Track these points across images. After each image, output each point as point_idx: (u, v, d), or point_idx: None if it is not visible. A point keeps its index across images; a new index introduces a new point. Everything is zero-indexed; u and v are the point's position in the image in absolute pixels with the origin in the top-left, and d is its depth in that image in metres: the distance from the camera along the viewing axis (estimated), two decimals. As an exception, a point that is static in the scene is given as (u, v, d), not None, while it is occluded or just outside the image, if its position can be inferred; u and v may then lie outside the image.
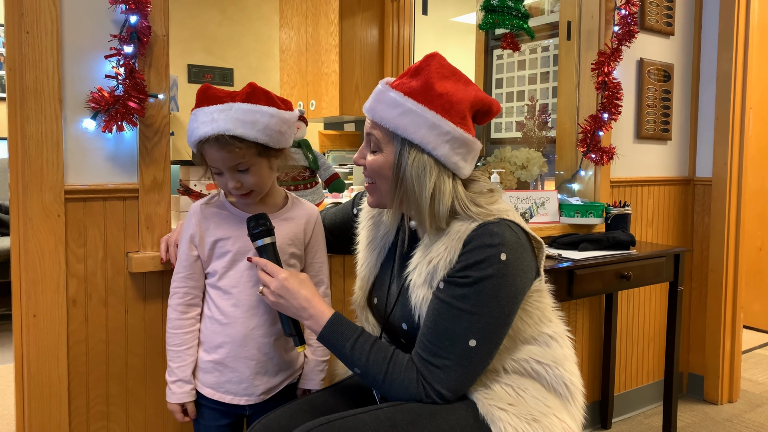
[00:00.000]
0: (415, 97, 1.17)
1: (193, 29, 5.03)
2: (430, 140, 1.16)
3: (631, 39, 2.44)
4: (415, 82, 1.19)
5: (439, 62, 1.20)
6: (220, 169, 1.28)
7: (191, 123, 1.26)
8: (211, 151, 1.25)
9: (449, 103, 1.17)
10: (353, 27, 4.02)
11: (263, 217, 1.29)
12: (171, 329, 1.35)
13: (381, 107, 1.19)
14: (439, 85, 1.18)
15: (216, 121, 1.22)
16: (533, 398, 1.20)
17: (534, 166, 2.53)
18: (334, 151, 4.16)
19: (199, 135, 1.24)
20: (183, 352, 1.35)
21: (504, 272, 1.14)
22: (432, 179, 1.17)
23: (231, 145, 1.23)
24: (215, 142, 1.23)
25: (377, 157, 1.21)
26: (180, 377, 1.34)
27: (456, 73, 1.22)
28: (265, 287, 1.26)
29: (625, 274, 2.11)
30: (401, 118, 1.16)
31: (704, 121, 2.87)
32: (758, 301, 4.10)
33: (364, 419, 1.15)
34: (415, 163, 1.17)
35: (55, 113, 1.41)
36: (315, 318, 1.24)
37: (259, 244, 1.28)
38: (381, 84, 1.22)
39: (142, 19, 1.44)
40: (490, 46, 3.39)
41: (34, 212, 1.40)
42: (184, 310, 1.36)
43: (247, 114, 1.24)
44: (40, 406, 1.43)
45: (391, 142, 1.19)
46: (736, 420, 2.71)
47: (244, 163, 1.26)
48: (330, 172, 1.93)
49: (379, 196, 1.26)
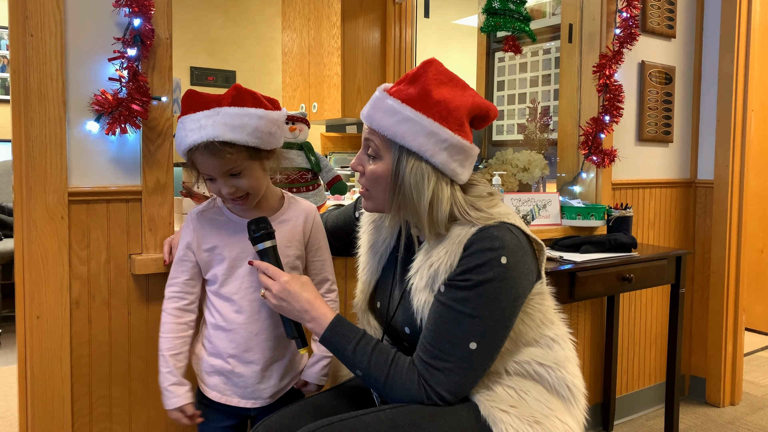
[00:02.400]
0: (412, 104, 1.17)
1: (196, 32, 5.04)
2: (428, 148, 1.16)
3: (632, 42, 2.45)
4: (412, 89, 1.18)
5: (436, 68, 1.20)
6: (212, 175, 1.26)
7: (179, 132, 1.24)
8: (201, 158, 1.23)
9: (447, 110, 1.17)
10: (355, 29, 4.02)
11: (263, 220, 1.28)
12: (163, 333, 1.34)
13: (379, 115, 1.19)
14: (437, 92, 1.18)
15: (204, 128, 1.20)
16: (535, 400, 1.20)
17: (535, 169, 2.54)
18: (336, 153, 4.16)
19: (188, 144, 1.21)
20: (173, 357, 1.33)
21: (505, 275, 1.15)
22: (430, 186, 1.17)
23: (221, 151, 1.20)
24: (205, 150, 1.21)
25: (377, 165, 1.21)
26: (173, 381, 1.32)
27: (453, 78, 1.22)
28: (266, 291, 1.26)
29: (626, 277, 2.11)
30: (399, 125, 1.16)
31: (706, 124, 2.87)
32: (760, 303, 4.09)
33: (365, 421, 1.16)
34: (413, 171, 1.17)
35: (59, 116, 1.42)
36: (317, 320, 1.24)
37: (260, 247, 1.28)
38: (378, 91, 1.22)
39: (146, 22, 1.45)
40: (492, 49, 3.39)
41: (38, 214, 1.41)
42: (178, 314, 1.35)
43: (235, 118, 1.21)
44: (43, 407, 1.44)
45: (389, 150, 1.19)
46: (738, 423, 2.71)
47: (236, 168, 1.24)
48: (332, 175, 1.94)
49: (376, 203, 1.26)
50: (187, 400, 1.32)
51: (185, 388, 1.33)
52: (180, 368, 1.34)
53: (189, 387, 1.35)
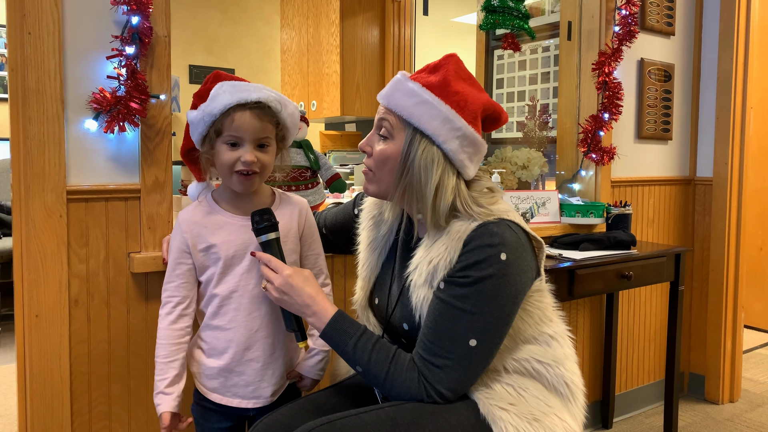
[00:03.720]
0: (432, 90, 1.20)
1: (195, 29, 5.04)
2: (442, 133, 1.18)
3: (631, 39, 2.45)
4: (433, 77, 1.22)
5: (456, 63, 1.25)
6: (242, 139, 1.24)
7: (218, 92, 1.24)
8: (243, 117, 1.23)
9: (464, 101, 1.20)
10: (354, 27, 4.02)
11: (267, 212, 1.27)
12: (160, 339, 1.32)
13: (398, 95, 1.21)
14: (456, 83, 1.21)
15: (255, 91, 1.24)
16: (534, 398, 1.20)
17: (535, 166, 2.54)
18: (335, 151, 4.16)
19: (236, 99, 1.22)
20: (167, 365, 1.30)
21: (504, 272, 1.15)
22: (438, 172, 1.19)
23: (268, 115, 1.25)
24: (255, 107, 1.23)
25: (387, 145, 1.22)
26: (160, 389, 1.29)
27: (471, 77, 1.26)
28: (268, 283, 1.26)
29: (625, 274, 2.11)
30: (417, 107, 1.19)
31: (705, 121, 2.87)
32: (759, 300, 4.10)
33: (365, 419, 1.16)
34: (424, 154, 1.19)
35: (57, 114, 1.41)
36: (318, 315, 1.24)
37: (263, 239, 1.27)
38: (400, 74, 1.25)
39: (144, 20, 1.45)
40: (491, 47, 3.39)
41: (37, 213, 1.41)
42: (174, 320, 1.32)
43: (280, 96, 1.29)
44: (43, 406, 1.44)
45: (402, 130, 1.21)
46: (737, 420, 2.72)
47: (268, 138, 1.27)
48: (331, 173, 1.94)
49: (379, 186, 1.26)
50: (167, 408, 1.29)
51: (172, 396, 1.30)
52: (173, 376, 1.31)
53: (176, 395, 1.30)
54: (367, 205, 1.44)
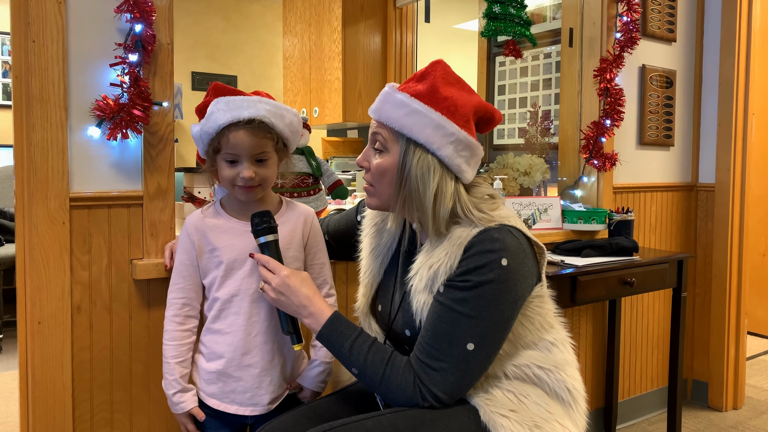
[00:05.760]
0: (421, 98, 1.20)
1: (197, 37, 5.06)
2: (435, 140, 1.18)
3: (633, 45, 2.45)
4: (421, 85, 1.21)
5: (444, 69, 1.23)
6: (239, 156, 1.27)
7: (214, 109, 1.27)
8: (238, 135, 1.25)
9: (454, 105, 1.20)
10: (356, 34, 4.03)
11: (267, 214, 1.29)
12: (167, 341, 1.35)
13: (388, 107, 1.21)
14: (444, 89, 1.21)
15: (249, 108, 1.26)
16: (535, 404, 1.20)
17: (537, 173, 2.54)
18: (338, 157, 4.16)
19: (230, 118, 1.25)
20: (179, 365, 1.35)
21: (505, 277, 1.15)
22: (435, 179, 1.19)
23: (262, 131, 1.26)
24: (247, 126, 1.25)
25: (383, 159, 1.23)
26: (178, 388, 1.34)
27: (460, 81, 1.25)
28: (266, 284, 1.27)
29: (628, 281, 2.11)
30: (407, 118, 1.19)
31: (707, 127, 2.87)
32: (762, 307, 4.08)
33: (366, 425, 1.16)
34: (420, 163, 1.19)
35: (61, 121, 1.42)
36: (315, 316, 1.24)
37: (261, 240, 1.28)
38: (388, 86, 1.25)
39: (147, 28, 1.45)
40: (493, 53, 3.40)
41: (40, 219, 1.41)
42: (181, 321, 1.35)
43: (275, 108, 1.30)
44: (45, 412, 1.44)
45: (396, 142, 1.21)
46: (740, 427, 2.70)
47: (265, 153, 1.28)
48: (333, 179, 1.94)
49: (380, 199, 1.27)
50: (194, 403, 1.35)
51: (191, 393, 1.35)
52: (185, 375, 1.36)
53: (194, 391, 1.36)
54: (369, 212, 1.44)
